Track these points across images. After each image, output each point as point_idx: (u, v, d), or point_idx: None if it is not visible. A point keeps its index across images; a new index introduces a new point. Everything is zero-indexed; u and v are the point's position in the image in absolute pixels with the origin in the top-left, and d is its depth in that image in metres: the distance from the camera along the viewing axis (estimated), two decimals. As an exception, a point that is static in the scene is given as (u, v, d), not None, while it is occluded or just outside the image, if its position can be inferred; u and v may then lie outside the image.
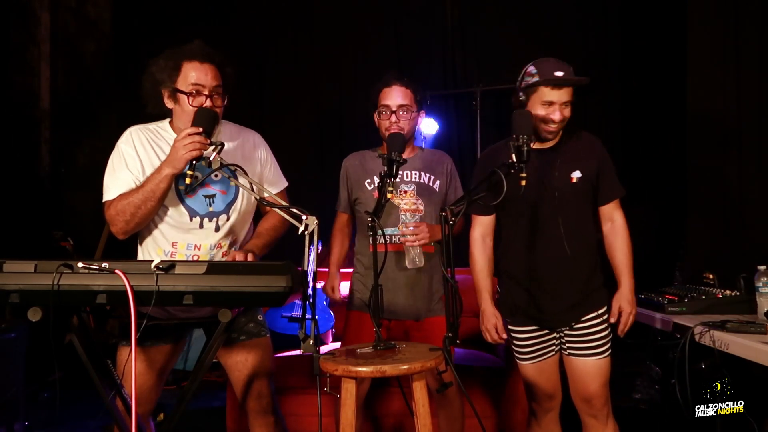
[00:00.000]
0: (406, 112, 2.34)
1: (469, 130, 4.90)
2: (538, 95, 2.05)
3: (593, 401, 2.13)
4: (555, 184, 2.10)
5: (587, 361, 2.12)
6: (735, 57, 3.48)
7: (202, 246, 1.98)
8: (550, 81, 2.02)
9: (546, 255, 2.12)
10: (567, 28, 4.75)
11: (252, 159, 2.10)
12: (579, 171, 2.11)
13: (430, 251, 2.36)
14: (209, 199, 1.99)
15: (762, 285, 2.26)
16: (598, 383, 2.12)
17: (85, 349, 1.63)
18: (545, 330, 2.17)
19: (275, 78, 5.13)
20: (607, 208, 2.18)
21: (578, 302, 2.12)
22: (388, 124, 2.35)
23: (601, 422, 2.15)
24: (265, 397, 2.08)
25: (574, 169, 2.12)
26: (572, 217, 2.12)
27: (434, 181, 2.41)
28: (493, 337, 2.16)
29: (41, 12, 4.60)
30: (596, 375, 2.12)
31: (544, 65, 2.06)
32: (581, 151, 2.15)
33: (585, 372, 2.12)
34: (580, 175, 2.11)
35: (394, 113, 2.34)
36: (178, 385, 3.97)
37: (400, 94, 2.35)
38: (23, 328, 3.07)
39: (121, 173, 1.93)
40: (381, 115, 2.37)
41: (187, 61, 1.91)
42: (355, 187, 2.44)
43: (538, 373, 2.19)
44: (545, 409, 2.24)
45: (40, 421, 3.45)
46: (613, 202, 2.18)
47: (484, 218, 2.23)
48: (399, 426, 2.98)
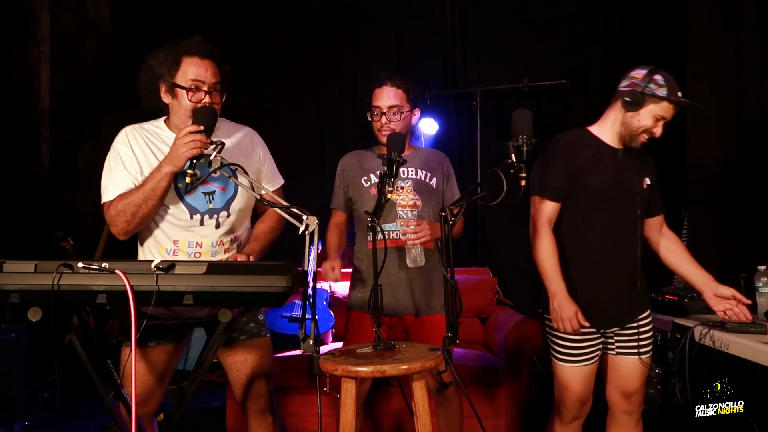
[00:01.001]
0: (396, 113, 2.33)
1: (469, 130, 4.90)
2: (657, 107, 2.07)
3: (633, 398, 2.18)
4: (635, 187, 2.16)
5: (636, 359, 2.16)
6: (735, 57, 3.48)
7: (203, 243, 1.98)
8: (681, 103, 2.06)
9: (614, 255, 2.13)
10: (567, 28, 4.74)
11: (250, 156, 2.10)
12: (648, 178, 2.20)
13: (430, 247, 2.37)
14: (209, 196, 1.99)
15: (762, 285, 2.26)
16: (641, 381, 2.18)
17: (85, 349, 1.63)
18: (594, 333, 2.15)
19: (275, 78, 5.13)
20: (656, 220, 2.28)
21: (633, 303, 2.16)
22: (379, 125, 2.35)
23: (635, 419, 2.20)
24: (263, 397, 2.09)
25: (645, 175, 2.19)
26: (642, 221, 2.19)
27: (431, 178, 2.42)
28: (574, 326, 2.04)
29: (41, 12, 4.59)
30: (642, 372, 2.17)
31: (672, 82, 2.06)
32: (646, 161, 2.23)
33: (632, 369, 2.17)
34: (649, 182, 2.19)
35: (384, 114, 2.34)
36: (178, 385, 3.97)
37: (391, 95, 2.34)
38: (23, 328, 3.07)
39: (118, 174, 1.92)
40: (373, 115, 2.38)
41: (186, 56, 1.91)
42: (351, 185, 2.44)
43: (578, 377, 2.16)
44: (575, 416, 2.21)
45: (40, 421, 3.44)
46: (662, 216, 2.29)
47: (554, 205, 2.15)
48: (399, 426, 2.98)
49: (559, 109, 4.61)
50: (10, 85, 4.32)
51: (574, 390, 2.16)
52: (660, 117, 2.07)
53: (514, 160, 1.85)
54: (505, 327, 3.18)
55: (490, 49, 4.87)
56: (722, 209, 3.47)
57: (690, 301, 2.40)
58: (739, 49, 3.47)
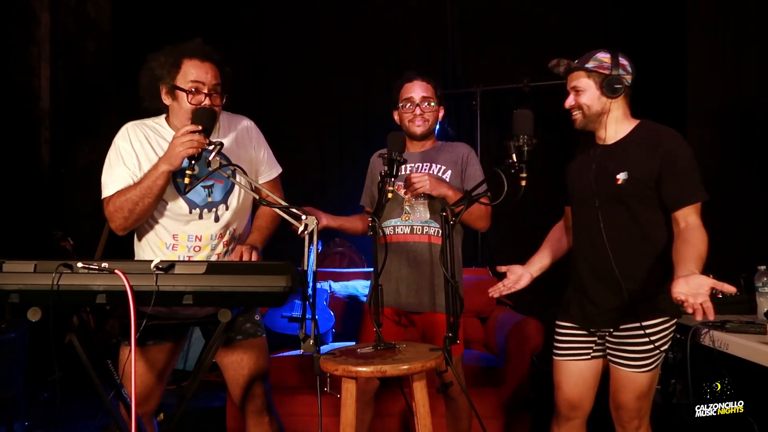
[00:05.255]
0: (429, 104, 2.39)
1: (469, 130, 4.90)
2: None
3: (620, 411, 2.06)
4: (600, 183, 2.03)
5: (621, 371, 2.02)
6: (735, 57, 3.48)
7: (203, 237, 1.99)
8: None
9: (588, 255, 2.08)
10: (567, 28, 4.74)
11: (245, 145, 2.10)
12: (627, 171, 1.98)
13: (439, 243, 2.35)
14: (208, 189, 1.99)
15: (762, 285, 2.26)
16: (629, 395, 2.01)
17: (85, 349, 1.63)
18: (582, 330, 2.11)
19: (275, 78, 5.13)
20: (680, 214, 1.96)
21: (619, 308, 1.99)
22: (412, 116, 2.38)
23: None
24: (259, 397, 2.09)
25: (622, 168, 1.99)
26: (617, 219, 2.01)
27: (444, 172, 2.40)
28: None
29: (41, 12, 4.59)
30: (628, 387, 2.01)
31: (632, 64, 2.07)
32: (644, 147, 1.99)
33: (619, 381, 2.04)
34: (626, 177, 1.98)
35: (417, 105, 2.37)
36: (178, 385, 3.97)
37: (422, 88, 2.40)
38: (23, 328, 3.07)
39: (118, 170, 1.93)
40: (404, 108, 2.40)
41: (187, 58, 1.91)
42: (374, 182, 2.45)
43: (562, 373, 2.13)
44: (565, 417, 2.17)
45: (40, 421, 3.44)
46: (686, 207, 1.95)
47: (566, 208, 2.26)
48: (399, 426, 2.98)
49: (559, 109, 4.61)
50: (10, 85, 4.32)
51: (561, 387, 2.15)
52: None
53: (515, 160, 1.85)
54: (505, 327, 3.18)
55: (490, 49, 4.86)
56: (722, 209, 3.46)
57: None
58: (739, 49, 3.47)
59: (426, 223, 2.35)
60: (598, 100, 2.04)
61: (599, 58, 2.03)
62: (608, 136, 2.07)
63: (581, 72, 2.05)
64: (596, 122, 2.07)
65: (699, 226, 1.93)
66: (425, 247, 2.33)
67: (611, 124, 2.06)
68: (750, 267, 2.37)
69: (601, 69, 2.02)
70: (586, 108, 2.05)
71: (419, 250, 2.34)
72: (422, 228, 2.34)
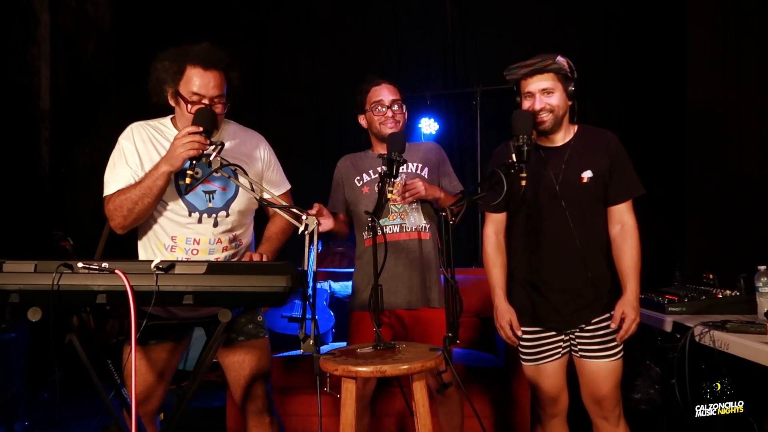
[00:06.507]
0: (399, 107, 2.38)
1: (469, 130, 4.90)
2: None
3: (604, 403, 2.09)
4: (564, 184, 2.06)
5: (599, 362, 2.07)
6: (735, 56, 3.48)
7: (201, 240, 1.99)
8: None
9: (555, 256, 2.08)
10: (567, 27, 4.74)
11: (252, 158, 2.10)
12: (590, 170, 2.05)
13: (427, 238, 2.37)
14: (209, 195, 2.00)
15: (762, 285, 2.26)
16: (610, 385, 2.08)
17: (85, 349, 1.63)
18: (551, 332, 2.13)
19: (275, 79, 5.14)
20: (617, 209, 2.08)
21: (589, 304, 2.08)
22: (383, 118, 2.37)
23: (612, 424, 2.12)
24: (261, 398, 2.09)
25: (585, 168, 2.06)
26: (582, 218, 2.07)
27: (422, 169, 2.43)
28: (507, 334, 2.11)
29: (41, 12, 4.59)
30: (608, 377, 2.08)
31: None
32: (593, 149, 2.09)
33: (597, 374, 2.08)
34: (591, 175, 2.05)
35: (389, 108, 2.37)
36: (178, 385, 3.96)
37: (390, 91, 2.39)
38: (23, 328, 3.07)
39: (120, 169, 1.94)
40: (375, 111, 2.39)
41: (191, 65, 1.89)
42: (347, 186, 2.46)
43: (539, 375, 2.16)
44: (549, 414, 2.20)
45: (40, 421, 3.44)
46: (624, 203, 2.07)
47: (496, 215, 2.20)
48: (399, 426, 2.98)
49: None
50: (10, 85, 4.32)
51: (539, 387, 2.17)
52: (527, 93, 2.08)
53: (514, 160, 1.85)
54: (505, 327, 3.18)
55: (490, 49, 4.87)
56: (722, 209, 3.46)
57: (690, 301, 2.40)
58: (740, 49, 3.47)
59: (414, 220, 2.37)
60: (564, 103, 2.08)
61: (559, 61, 2.07)
62: (557, 138, 2.11)
63: (550, 73, 2.06)
64: (559, 125, 2.09)
65: (634, 228, 2.07)
66: (415, 243, 2.36)
67: (563, 127, 2.11)
68: (750, 267, 2.36)
69: (564, 71, 2.06)
70: (556, 109, 2.06)
71: (410, 247, 2.35)
72: (411, 226, 2.36)
